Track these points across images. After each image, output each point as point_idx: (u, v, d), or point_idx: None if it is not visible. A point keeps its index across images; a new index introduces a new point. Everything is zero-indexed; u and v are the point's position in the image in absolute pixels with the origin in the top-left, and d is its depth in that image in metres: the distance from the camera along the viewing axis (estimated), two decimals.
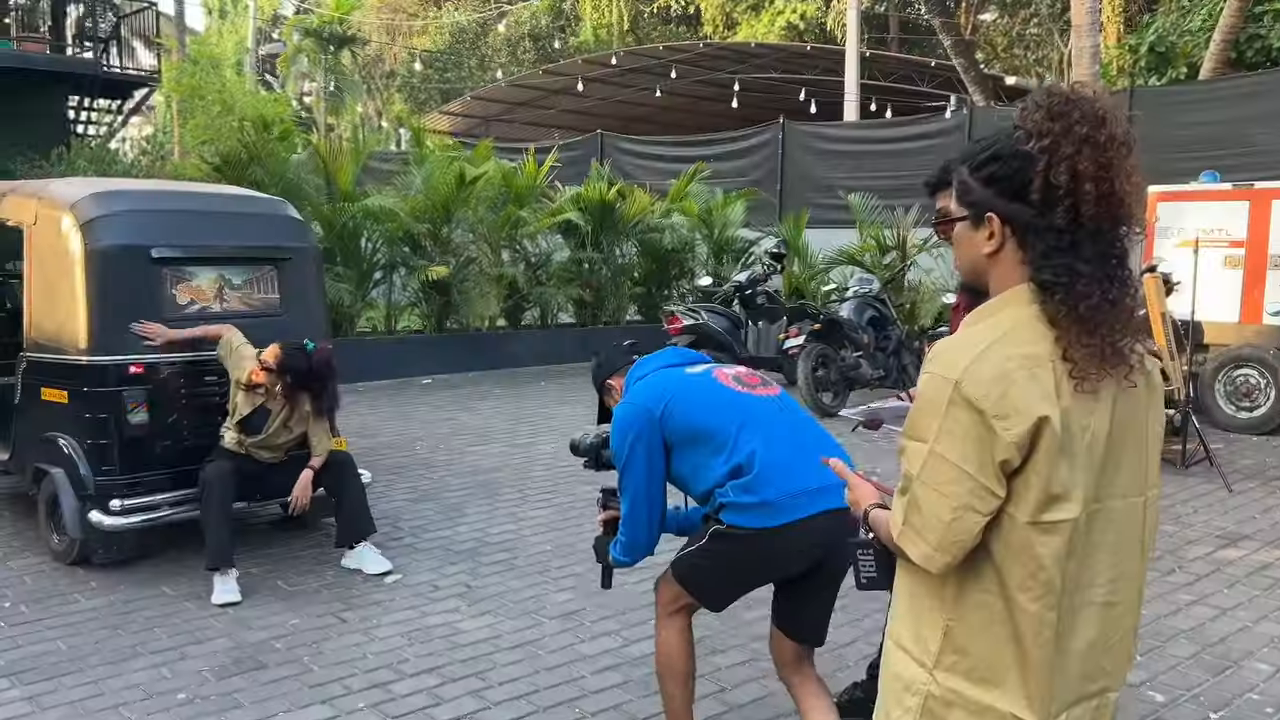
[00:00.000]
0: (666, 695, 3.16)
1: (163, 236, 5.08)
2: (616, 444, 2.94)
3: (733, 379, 2.99)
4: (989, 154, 1.69)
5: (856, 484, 1.93)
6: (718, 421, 2.85)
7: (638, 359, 3.19)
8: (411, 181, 11.38)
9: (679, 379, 2.99)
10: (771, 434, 2.83)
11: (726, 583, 3.01)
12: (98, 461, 4.88)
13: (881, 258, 11.20)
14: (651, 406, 2.90)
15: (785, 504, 2.74)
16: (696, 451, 2.87)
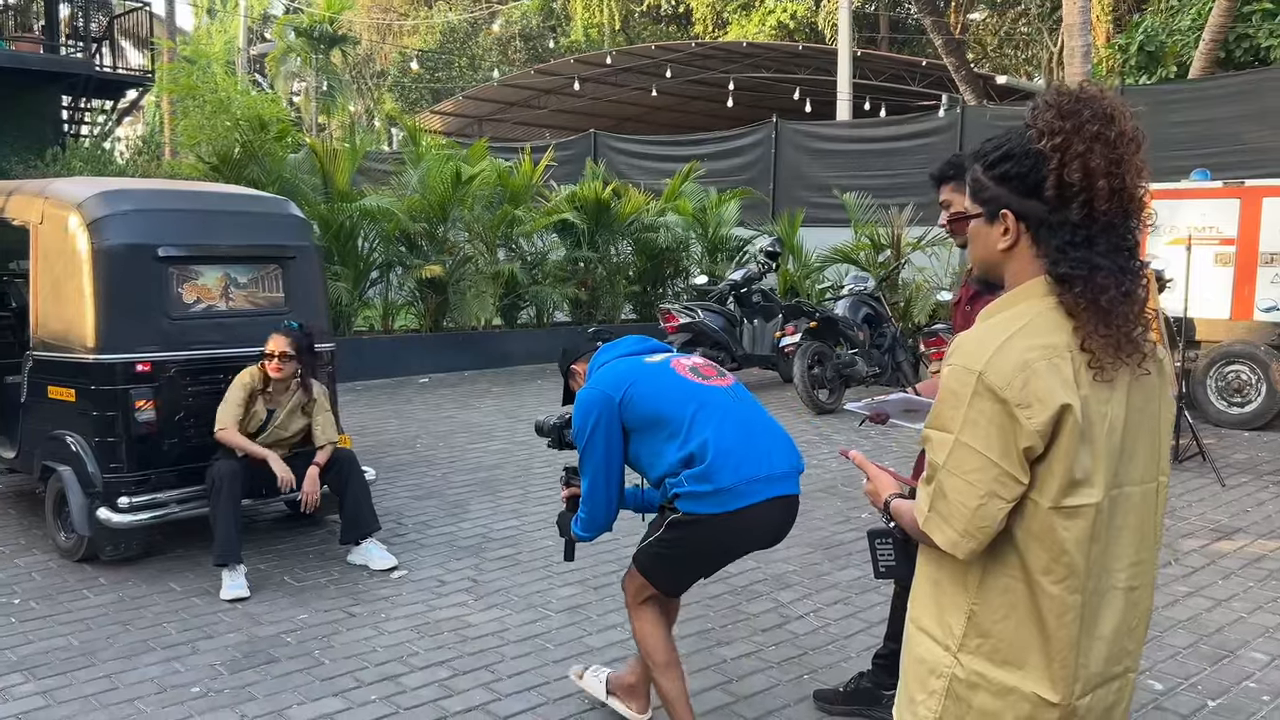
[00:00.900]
0: (656, 687, 3.27)
1: (169, 235, 5.11)
2: (578, 425, 3.11)
3: (689, 369, 3.16)
4: (1002, 153, 1.75)
5: (876, 474, 1.98)
6: (673, 410, 3.03)
7: (601, 346, 3.35)
8: (408, 181, 11.42)
9: (639, 367, 3.14)
10: (724, 423, 3.00)
11: (686, 568, 3.19)
12: (106, 459, 4.91)
13: (876, 256, 11.27)
14: (612, 392, 3.07)
15: (740, 490, 2.93)
16: (653, 437, 3.04)
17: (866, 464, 2.02)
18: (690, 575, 3.25)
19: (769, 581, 4.98)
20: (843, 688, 3.81)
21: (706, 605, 4.66)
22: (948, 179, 3.25)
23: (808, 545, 5.54)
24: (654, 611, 3.26)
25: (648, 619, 3.25)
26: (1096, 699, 1.72)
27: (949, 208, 3.26)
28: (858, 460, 2.05)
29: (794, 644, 4.26)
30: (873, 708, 3.67)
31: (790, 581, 4.99)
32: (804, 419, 9.04)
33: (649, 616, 3.25)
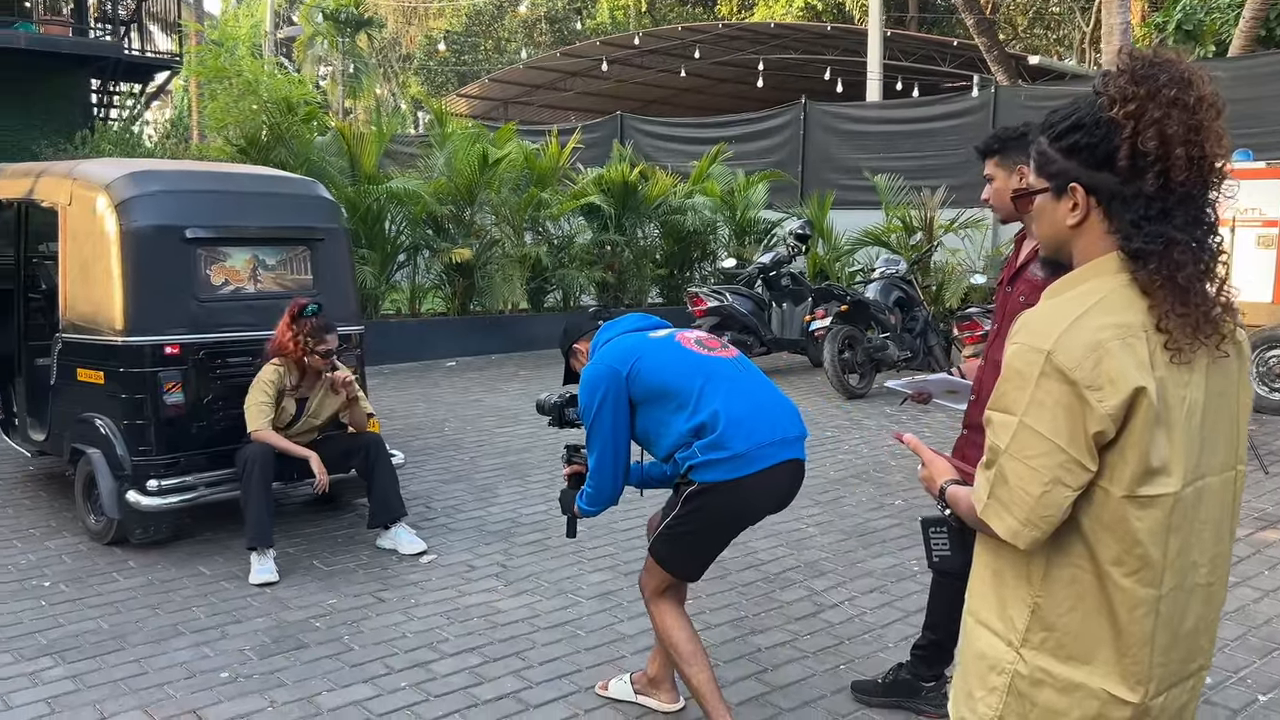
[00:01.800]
0: (685, 679, 3.21)
1: (197, 217, 5.07)
2: (585, 401, 3.11)
3: (694, 342, 3.17)
4: (1070, 122, 1.65)
5: (931, 459, 1.90)
6: (681, 381, 3.04)
7: (603, 324, 3.34)
8: (434, 163, 11.37)
9: (644, 342, 3.14)
10: (733, 392, 3.03)
11: (704, 543, 3.15)
12: (135, 442, 4.89)
13: (908, 239, 11.11)
14: (619, 367, 3.07)
15: (753, 454, 2.96)
16: (660, 409, 3.05)
17: (921, 448, 1.93)
18: (708, 550, 3.21)
19: (802, 569, 4.90)
20: (881, 679, 3.74)
21: (739, 593, 4.58)
22: (993, 153, 3.17)
23: (841, 532, 5.45)
24: (674, 604, 3.25)
25: (669, 611, 3.23)
26: (1171, 699, 1.63)
27: (992, 182, 3.18)
28: (912, 444, 1.96)
29: (829, 633, 4.18)
30: (912, 699, 3.59)
31: (824, 569, 4.91)
32: (834, 404, 8.93)
33: (670, 609, 3.23)
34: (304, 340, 4.80)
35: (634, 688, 3.55)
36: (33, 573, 4.69)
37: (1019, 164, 3.07)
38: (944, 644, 3.60)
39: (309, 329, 4.81)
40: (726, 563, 4.92)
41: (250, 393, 4.83)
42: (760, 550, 5.12)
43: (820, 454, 7.12)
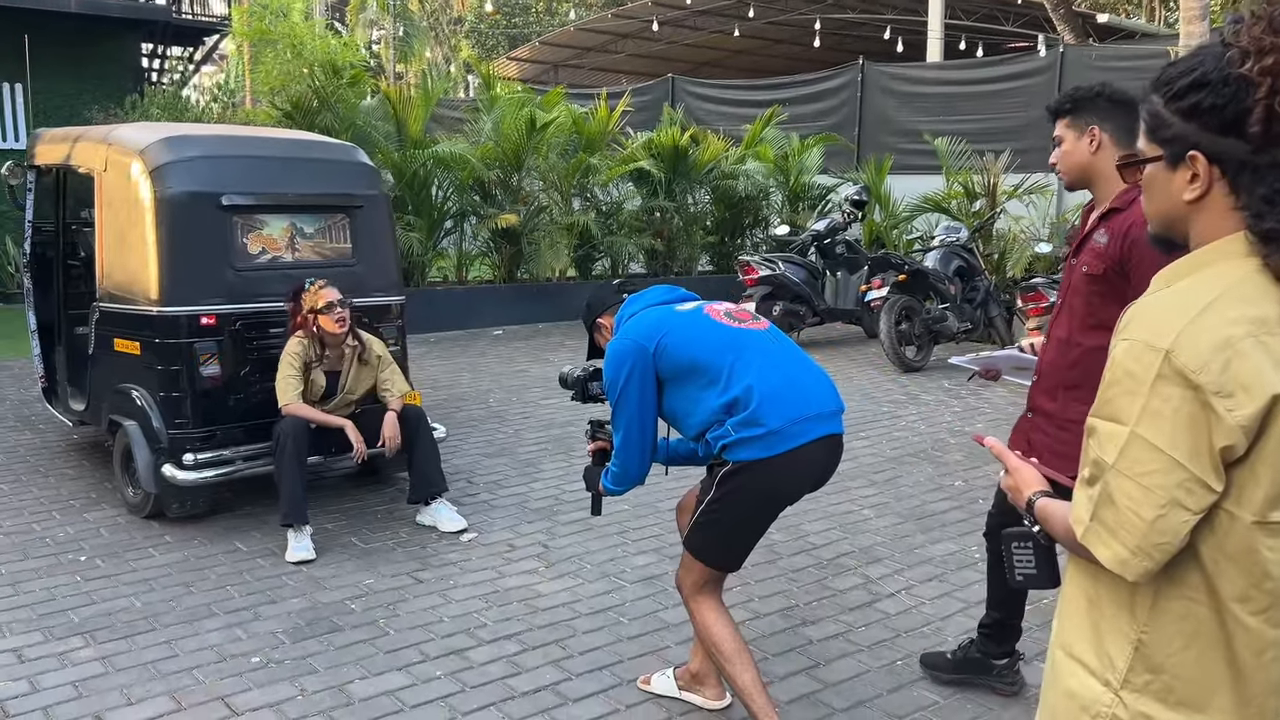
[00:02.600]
0: (729, 679, 3.03)
1: (233, 183, 4.93)
2: (610, 377, 2.99)
3: (724, 314, 3.03)
4: (1192, 80, 1.39)
5: (1017, 467, 1.66)
6: (711, 355, 2.90)
7: (628, 297, 3.20)
8: (482, 127, 11.17)
9: (671, 315, 3.01)
10: (766, 365, 2.89)
11: (742, 529, 2.98)
12: (171, 414, 4.79)
13: (969, 205, 10.70)
14: (645, 342, 2.94)
15: (789, 431, 2.81)
16: (690, 385, 2.92)
17: (1006, 454, 1.70)
18: (747, 537, 3.02)
19: (856, 555, 4.68)
20: (951, 654, 3.58)
21: (790, 579, 4.38)
22: (1064, 112, 2.93)
23: (898, 515, 5.21)
24: (714, 599, 3.06)
25: (709, 607, 3.04)
26: None
27: (1061, 144, 2.94)
28: (995, 449, 1.72)
29: (885, 625, 3.96)
30: (984, 676, 3.46)
31: (879, 555, 4.68)
32: (889, 377, 8.64)
33: (710, 605, 3.05)
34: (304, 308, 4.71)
35: (678, 683, 3.37)
36: (70, 546, 4.62)
37: (1091, 126, 2.86)
38: (1008, 622, 3.44)
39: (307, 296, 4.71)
40: (777, 546, 4.72)
41: (278, 369, 4.71)
42: (812, 534, 4.90)
43: (875, 431, 6.86)
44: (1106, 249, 2.78)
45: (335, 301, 4.70)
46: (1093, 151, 2.85)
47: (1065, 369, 2.90)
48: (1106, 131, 2.83)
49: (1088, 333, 2.83)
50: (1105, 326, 2.81)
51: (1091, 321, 2.81)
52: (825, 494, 5.48)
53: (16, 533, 4.78)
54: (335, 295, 4.72)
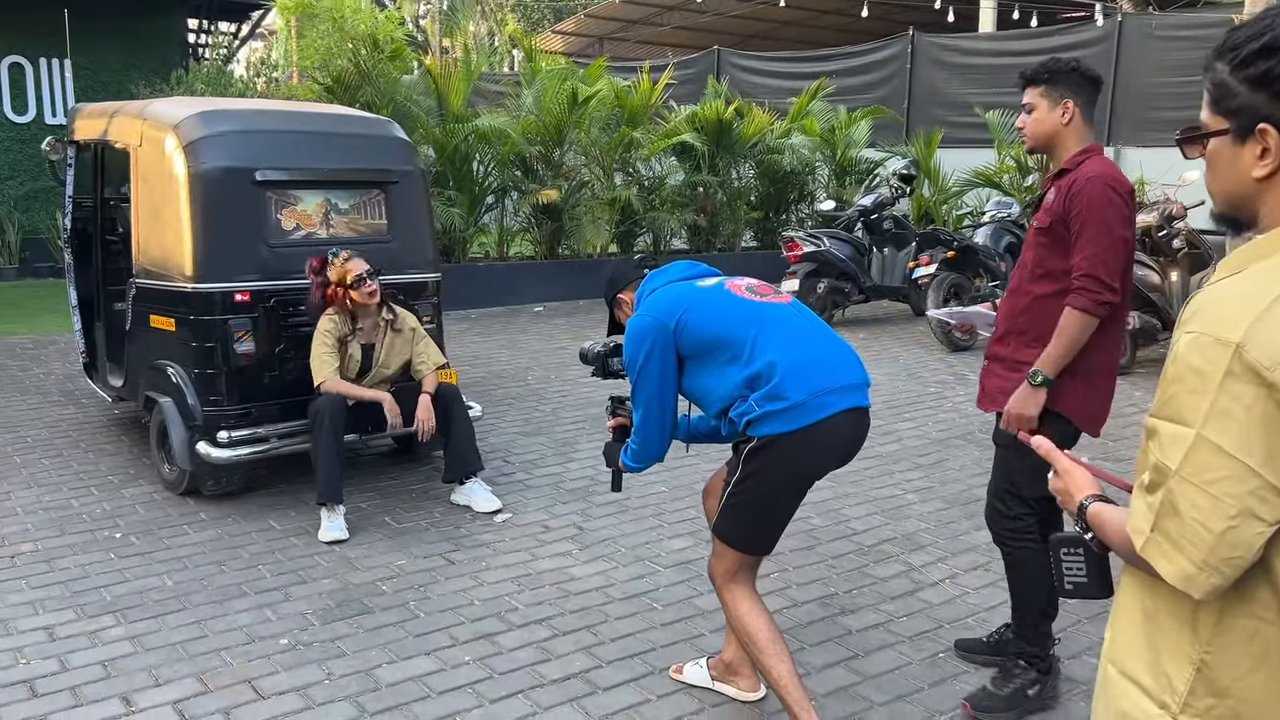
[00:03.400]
0: (763, 670, 2.92)
1: (267, 158, 4.88)
2: (630, 354, 2.94)
3: (745, 289, 2.97)
4: (1260, 45, 1.25)
5: (1068, 468, 1.54)
6: (733, 330, 2.84)
7: (648, 273, 3.14)
8: (523, 102, 11.06)
9: (692, 292, 2.96)
10: (788, 339, 2.83)
11: (770, 510, 2.90)
12: (205, 391, 4.77)
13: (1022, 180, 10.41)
14: (665, 319, 2.88)
15: (814, 403, 2.74)
16: (712, 361, 2.86)
17: (1056, 454, 1.57)
18: (777, 516, 2.92)
19: (899, 541, 4.54)
20: (987, 638, 3.51)
21: (829, 566, 4.26)
22: (1040, 81, 3.05)
23: (942, 500, 5.06)
24: (748, 588, 2.97)
25: (742, 597, 2.95)
26: None
27: (1032, 111, 3.06)
28: (1044, 449, 1.59)
29: (927, 615, 3.83)
30: None
31: (922, 541, 4.54)
32: (936, 356, 8.44)
33: (743, 594, 2.95)
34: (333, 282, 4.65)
35: (710, 673, 3.28)
36: (105, 523, 4.63)
37: (1065, 98, 3.00)
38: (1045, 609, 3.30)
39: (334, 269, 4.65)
40: (816, 532, 4.60)
41: (312, 347, 4.66)
42: (854, 519, 4.78)
43: (921, 412, 6.69)
44: (1053, 204, 2.98)
45: (364, 274, 4.64)
46: (1065, 122, 3.01)
47: (1016, 315, 3.11)
48: (1078, 105, 3.00)
49: (1035, 282, 3.05)
50: (1051, 276, 3.01)
51: (1039, 271, 3.04)
52: (868, 477, 5.35)
53: (55, 508, 4.80)
54: (363, 267, 4.66)
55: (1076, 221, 2.90)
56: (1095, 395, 3.10)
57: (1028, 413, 2.97)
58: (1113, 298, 2.92)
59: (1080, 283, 2.92)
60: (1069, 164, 3.02)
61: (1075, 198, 2.90)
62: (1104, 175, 2.94)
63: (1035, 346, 3.06)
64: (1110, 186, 2.92)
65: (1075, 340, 2.94)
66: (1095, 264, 2.90)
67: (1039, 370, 2.96)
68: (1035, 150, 3.18)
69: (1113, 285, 2.91)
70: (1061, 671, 3.38)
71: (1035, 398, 2.97)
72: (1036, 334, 3.07)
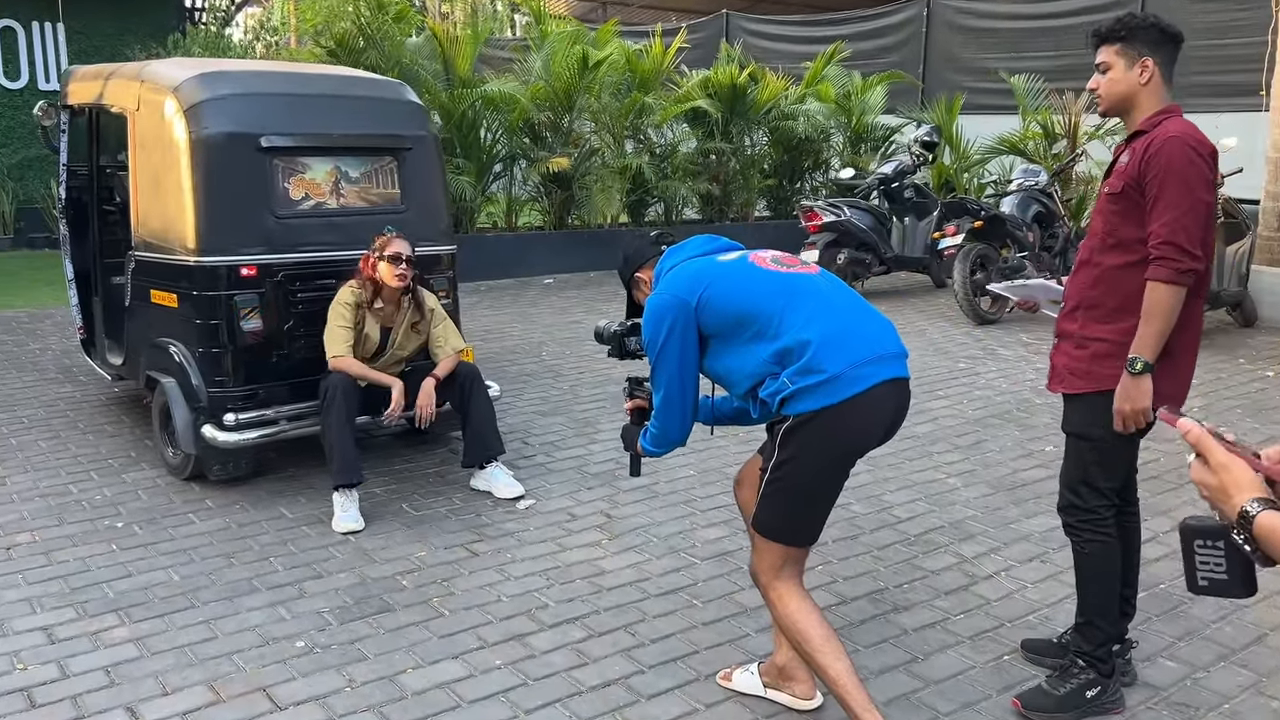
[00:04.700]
0: (819, 671, 2.67)
1: (273, 123, 4.58)
2: (650, 334, 2.76)
3: (770, 261, 2.79)
4: None
5: (1225, 461, 1.27)
6: (759, 304, 2.66)
7: (666, 249, 2.96)
8: (532, 66, 10.71)
9: (714, 267, 2.78)
10: (820, 309, 2.64)
11: (812, 494, 2.69)
12: (210, 371, 4.50)
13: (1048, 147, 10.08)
14: (686, 296, 2.70)
15: (852, 375, 2.56)
16: (736, 338, 2.68)
17: (1209, 444, 1.29)
18: (820, 501, 2.70)
19: (947, 530, 4.29)
20: (1057, 638, 3.27)
21: (875, 558, 4.01)
22: (1116, 39, 2.80)
23: (987, 485, 4.81)
24: (794, 584, 2.73)
25: (789, 593, 2.71)
26: None
27: (1108, 71, 2.80)
28: (1193, 436, 1.30)
29: (986, 613, 3.59)
30: None
31: (972, 530, 4.29)
32: (963, 330, 8.17)
33: (790, 590, 2.71)
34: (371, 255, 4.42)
35: (762, 680, 3.03)
36: (106, 510, 4.37)
37: (1144, 56, 2.77)
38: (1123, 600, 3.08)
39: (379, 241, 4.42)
40: (859, 520, 4.35)
41: (328, 319, 4.39)
42: (896, 506, 4.53)
43: (954, 390, 6.43)
44: (1127, 168, 2.78)
45: (403, 254, 4.37)
46: (1143, 82, 2.79)
47: (1086, 289, 2.91)
48: (1158, 63, 2.79)
49: (1107, 252, 2.85)
50: (1124, 246, 2.81)
51: (1111, 241, 2.84)
52: (906, 460, 5.10)
53: (53, 494, 4.55)
54: (405, 249, 4.39)
55: (1154, 185, 2.70)
56: (1177, 375, 2.86)
57: (1139, 405, 2.72)
58: (1196, 265, 2.69)
59: (1160, 251, 2.69)
60: (1145, 125, 2.80)
61: (1153, 159, 2.70)
62: (1185, 135, 2.72)
63: (1108, 322, 2.84)
64: (1191, 147, 2.70)
65: (1168, 315, 2.70)
66: (1175, 230, 2.67)
67: (1137, 357, 2.71)
68: (1109, 113, 2.93)
69: (1195, 252, 2.68)
70: (1137, 675, 3.14)
71: (1140, 387, 2.71)
72: (1110, 308, 2.84)
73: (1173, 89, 2.85)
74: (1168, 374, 2.79)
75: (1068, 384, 2.93)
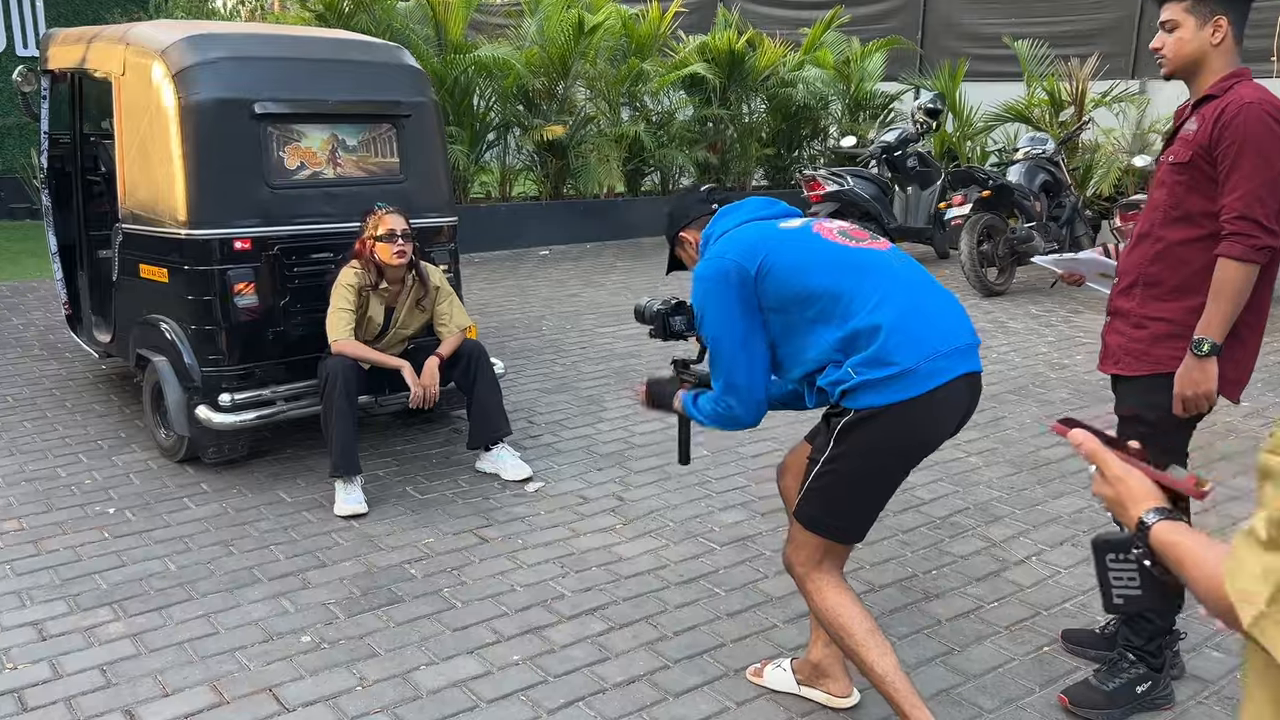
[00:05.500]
0: (864, 668, 2.49)
1: (267, 88, 4.35)
2: (701, 302, 2.51)
3: (837, 233, 2.54)
4: None
5: (1121, 473, 1.28)
6: (825, 281, 2.41)
7: (719, 209, 2.70)
8: (526, 31, 10.44)
9: (775, 233, 2.52)
10: (892, 292, 2.40)
11: (867, 493, 2.50)
12: (203, 349, 4.30)
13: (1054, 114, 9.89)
14: (745, 263, 2.46)
15: (924, 369, 2.33)
16: (797, 318, 2.44)
17: (1105, 455, 1.30)
18: (874, 499, 2.52)
19: (972, 512, 4.15)
20: (1101, 629, 3.14)
21: (902, 543, 3.87)
22: None
23: (1009, 464, 4.67)
24: (836, 577, 2.55)
25: (830, 587, 2.53)
26: None
27: (1174, 30, 2.60)
28: (1086, 448, 1.33)
29: (1020, 600, 3.45)
30: None
31: (998, 512, 4.15)
32: (970, 302, 8.01)
33: (831, 584, 2.53)
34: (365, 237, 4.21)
35: (796, 677, 2.88)
36: (97, 495, 4.19)
37: (1218, 15, 2.57)
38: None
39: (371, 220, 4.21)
40: None
41: (330, 301, 4.19)
42: (918, 486, 4.38)
43: None
44: (1195, 135, 2.60)
45: (397, 231, 4.16)
46: (1215, 43, 2.60)
47: (1145, 265, 2.72)
48: (1231, 22, 2.59)
49: (1170, 226, 2.66)
50: (1190, 219, 2.61)
51: (1176, 214, 2.64)
52: None
53: (40, 478, 4.36)
54: (400, 224, 4.18)
55: (1227, 155, 2.52)
56: (1243, 358, 2.71)
57: (1203, 389, 2.57)
58: (1273, 241, 2.52)
59: (1233, 226, 2.52)
60: (1215, 89, 2.61)
61: (1227, 127, 2.52)
62: (1262, 101, 2.53)
63: (1169, 300, 2.67)
64: (1269, 114, 2.52)
65: (1239, 295, 2.54)
66: (1250, 203, 2.50)
67: (1204, 338, 2.55)
68: (1175, 75, 2.70)
69: (1272, 227, 2.52)
70: (1185, 668, 3.01)
71: (1205, 370, 2.55)
72: (1171, 286, 2.67)
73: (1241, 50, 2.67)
74: (1232, 357, 2.64)
75: (1123, 365, 2.78)
